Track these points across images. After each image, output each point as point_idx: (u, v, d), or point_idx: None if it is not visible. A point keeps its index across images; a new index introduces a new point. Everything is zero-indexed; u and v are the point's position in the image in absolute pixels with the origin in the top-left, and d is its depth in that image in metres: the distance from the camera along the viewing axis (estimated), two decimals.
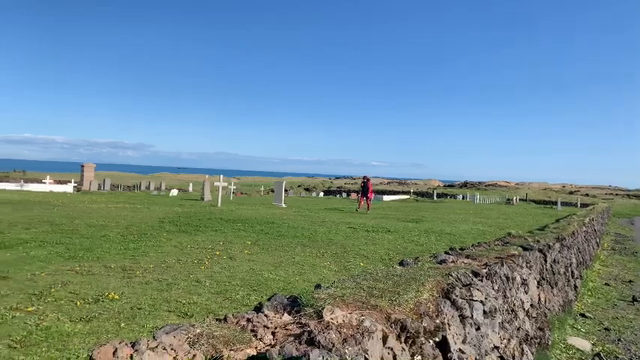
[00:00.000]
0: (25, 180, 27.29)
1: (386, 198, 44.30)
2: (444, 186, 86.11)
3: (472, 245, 5.48)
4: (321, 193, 58.21)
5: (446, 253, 4.69)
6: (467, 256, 4.42)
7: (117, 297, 4.56)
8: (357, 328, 2.01)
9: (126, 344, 1.74)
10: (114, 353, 1.68)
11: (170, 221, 11.08)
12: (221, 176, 23.73)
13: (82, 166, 29.84)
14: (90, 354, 1.67)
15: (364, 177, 22.33)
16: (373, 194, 24.60)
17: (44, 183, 25.88)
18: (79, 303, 4.32)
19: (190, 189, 42.00)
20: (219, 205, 20.11)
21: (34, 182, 26.54)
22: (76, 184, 28.29)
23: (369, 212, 20.30)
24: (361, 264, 7.27)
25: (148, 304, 4.43)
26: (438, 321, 2.63)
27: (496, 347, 3.39)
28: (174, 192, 31.98)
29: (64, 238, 7.81)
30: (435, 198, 53.75)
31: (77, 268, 5.75)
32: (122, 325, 3.82)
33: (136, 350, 1.71)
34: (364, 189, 21.78)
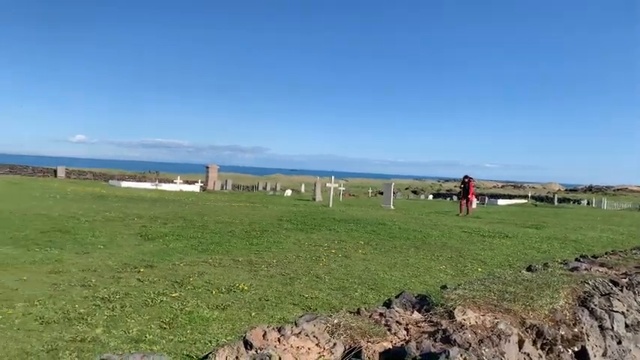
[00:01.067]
0: (159, 180, 30.41)
1: (501, 202, 41.89)
2: (566, 190, 79.04)
3: (606, 253, 5.04)
4: (430, 196, 56.71)
5: (577, 260, 4.38)
6: (601, 264, 4.09)
7: (246, 288, 4.93)
8: (492, 330, 1.98)
9: (273, 328, 1.91)
10: (264, 335, 1.85)
11: (287, 220, 11.63)
12: (332, 177, 24.28)
13: (207, 167, 32.48)
14: (244, 335, 1.86)
15: (465, 177, 19.98)
16: (474, 197, 22.12)
17: (175, 183, 28.67)
18: (214, 292, 4.75)
19: (303, 190, 43.53)
20: (330, 205, 20.59)
21: (166, 182, 29.50)
22: (202, 184, 30.89)
23: (469, 216, 18.14)
24: (479, 269, 7.01)
25: (274, 296, 4.74)
26: (575, 330, 2.48)
27: None
28: (288, 192, 33.42)
29: (197, 233, 8.61)
30: (556, 203, 49.60)
31: (210, 260, 6.31)
32: (253, 314, 4.13)
33: (282, 335, 1.87)
34: (464, 190, 19.65)
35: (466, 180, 19.51)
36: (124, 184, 27.28)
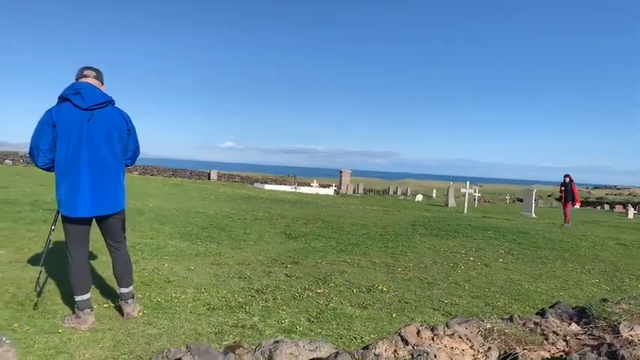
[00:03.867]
0: (298, 183, 32.18)
1: None
2: None
3: None
4: (577, 204, 51.23)
5: None
6: None
7: (385, 289, 5.07)
8: None
9: (426, 327, 2.01)
10: (417, 333, 1.95)
11: (421, 225, 11.54)
12: (467, 183, 23.39)
13: (341, 172, 33.51)
14: (399, 330, 1.98)
15: (566, 176, 16.41)
16: (579, 202, 17.73)
17: (311, 186, 30.11)
18: (354, 290, 4.96)
19: (434, 195, 42.52)
20: (465, 211, 19.86)
21: (304, 185, 31.11)
22: (335, 188, 31.97)
23: (567, 226, 14.86)
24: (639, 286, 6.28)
25: (413, 299, 4.80)
26: None
27: None
28: (419, 197, 32.96)
29: (334, 234, 9.00)
30: None
31: (348, 260, 6.58)
32: (393, 315, 4.24)
33: (436, 334, 1.96)
34: (567, 192, 16.25)
35: (567, 180, 16.31)
36: (267, 186, 29.41)
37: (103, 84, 3.71)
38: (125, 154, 3.76)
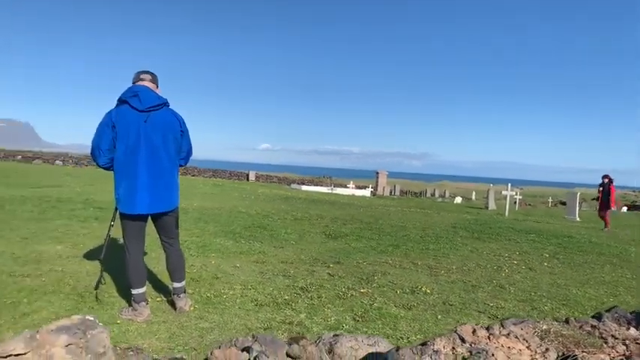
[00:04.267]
0: (334, 184, 32.29)
1: None
2: None
3: None
4: (624, 208, 49.02)
5: None
6: None
7: (429, 291, 5.06)
8: None
9: (482, 327, 2.03)
10: (473, 332, 1.98)
11: (462, 227, 11.39)
12: (509, 185, 22.87)
13: (377, 173, 33.40)
14: (454, 329, 2.02)
15: (604, 176, 15.09)
16: (614, 205, 16.13)
17: (348, 187, 30.16)
18: (398, 291, 4.98)
19: (473, 197, 41.74)
20: (506, 214, 19.45)
21: (340, 186, 31.19)
22: (372, 189, 31.89)
23: (607, 231, 13.85)
24: None
25: (458, 301, 4.78)
26: None
27: None
28: (458, 199, 32.46)
29: (374, 235, 9.02)
30: None
31: (390, 261, 6.59)
32: (439, 317, 4.24)
33: (491, 334, 1.98)
34: (604, 194, 14.99)
35: (606, 181, 14.98)
36: (304, 187, 29.65)
37: (157, 87, 3.90)
38: (179, 155, 3.93)
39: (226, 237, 7.68)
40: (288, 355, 1.67)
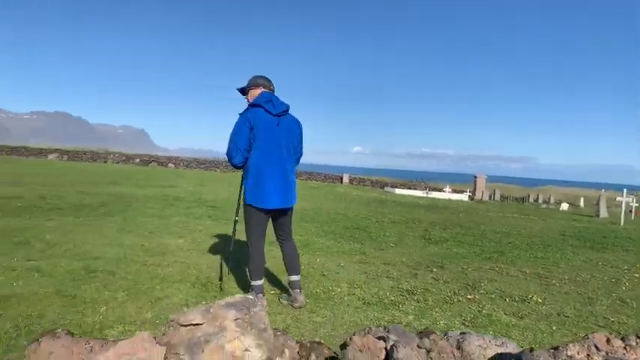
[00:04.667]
0: (430, 188, 31.62)
1: None
2: None
3: None
4: None
5: None
6: None
7: (540, 301, 4.86)
8: None
9: (616, 337, 1.97)
10: (607, 341, 1.93)
11: (571, 235, 10.67)
12: (624, 190, 20.88)
13: (475, 177, 32.12)
14: (586, 336, 1.98)
15: None
16: None
17: (444, 191, 29.35)
18: (507, 299, 4.84)
19: (581, 204, 38.56)
20: (621, 223, 17.78)
21: (435, 190, 30.46)
22: (469, 194, 30.74)
23: None
24: None
25: (574, 314, 4.53)
26: None
27: None
28: (564, 206, 30.15)
29: (476, 241, 8.77)
30: None
31: (496, 268, 6.40)
32: (554, 327, 4.07)
33: (628, 345, 1.91)
34: None
35: None
36: (398, 190, 29.38)
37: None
38: (294, 155, 4.23)
39: (327, 237, 7.92)
40: (418, 347, 1.77)
